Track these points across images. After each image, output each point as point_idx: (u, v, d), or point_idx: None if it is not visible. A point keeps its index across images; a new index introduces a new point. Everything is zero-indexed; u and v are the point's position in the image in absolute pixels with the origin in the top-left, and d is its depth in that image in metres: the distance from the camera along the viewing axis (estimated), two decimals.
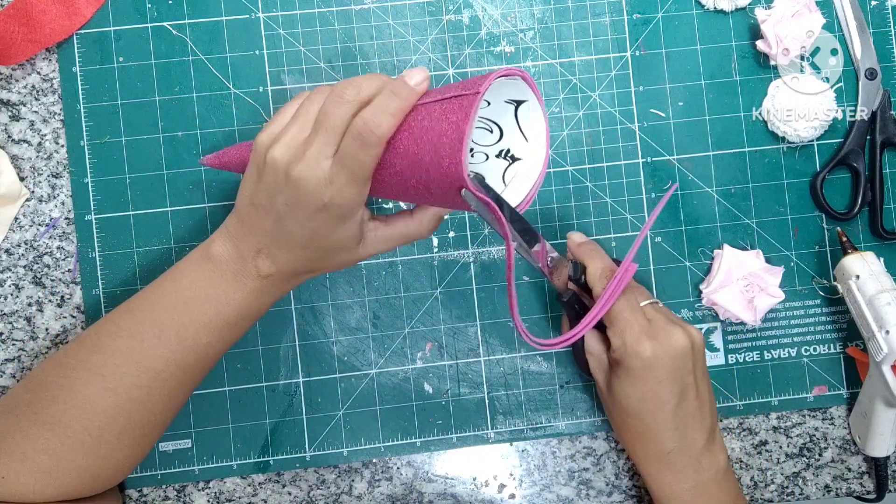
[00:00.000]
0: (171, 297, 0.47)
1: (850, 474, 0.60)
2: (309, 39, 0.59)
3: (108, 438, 0.46)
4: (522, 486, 0.59)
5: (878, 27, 0.60)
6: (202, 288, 0.47)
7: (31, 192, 0.58)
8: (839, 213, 0.59)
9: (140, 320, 0.47)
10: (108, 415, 0.46)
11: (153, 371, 0.46)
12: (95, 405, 0.46)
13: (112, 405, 0.46)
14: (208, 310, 0.47)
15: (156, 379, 0.47)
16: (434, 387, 0.59)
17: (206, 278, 0.47)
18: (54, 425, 0.45)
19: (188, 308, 0.47)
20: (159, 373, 0.47)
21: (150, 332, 0.46)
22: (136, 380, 0.46)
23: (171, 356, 0.47)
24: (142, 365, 0.46)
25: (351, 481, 0.59)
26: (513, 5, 0.59)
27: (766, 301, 0.57)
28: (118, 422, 0.46)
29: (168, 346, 0.46)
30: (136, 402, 0.46)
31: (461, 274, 0.59)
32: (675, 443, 0.49)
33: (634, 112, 0.59)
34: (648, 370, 0.48)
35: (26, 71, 0.58)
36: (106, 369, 0.46)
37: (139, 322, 0.47)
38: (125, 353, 0.46)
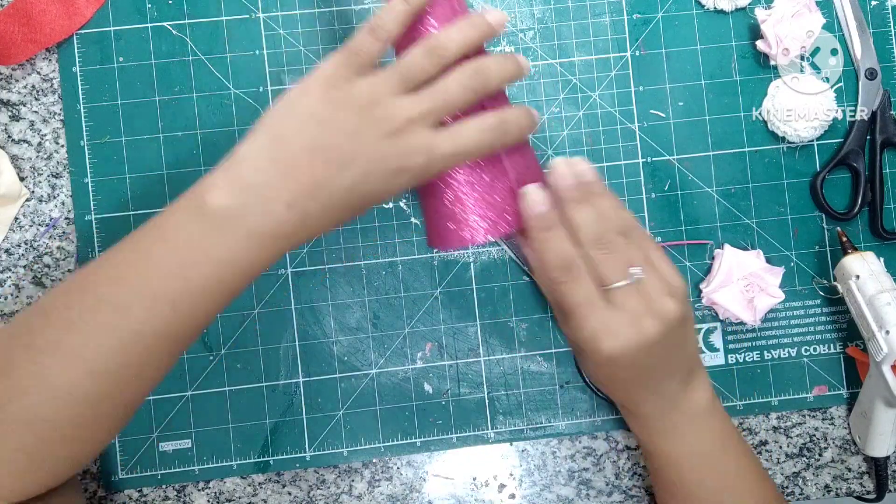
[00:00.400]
0: (162, 261, 0.39)
1: (850, 474, 0.60)
2: (309, 39, 0.59)
3: (91, 424, 0.40)
4: (522, 486, 0.60)
5: (878, 27, 0.60)
6: (201, 250, 0.39)
7: (31, 192, 0.58)
8: (839, 213, 0.59)
9: (124, 290, 0.39)
10: (90, 402, 0.39)
11: (143, 347, 0.39)
12: (76, 394, 0.39)
13: (96, 391, 0.39)
14: (209, 274, 0.39)
15: (146, 356, 0.40)
16: (434, 387, 0.59)
17: (206, 237, 0.39)
18: (30, 422, 0.39)
19: (184, 273, 0.39)
20: (150, 349, 0.39)
21: (139, 305, 0.39)
22: (125, 359, 0.39)
23: (165, 330, 0.39)
24: (130, 343, 0.39)
25: (351, 481, 0.59)
26: (513, 5, 0.59)
27: (766, 301, 0.57)
28: (103, 406, 0.40)
29: (161, 318, 0.39)
30: (123, 384, 0.40)
31: (461, 274, 0.59)
32: (648, 406, 0.47)
33: (634, 112, 0.59)
34: (607, 363, 0.43)
35: (26, 71, 0.58)
36: (87, 351, 0.38)
37: (124, 292, 0.39)
38: (110, 331, 0.39)
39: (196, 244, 0.39)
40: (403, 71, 0.41)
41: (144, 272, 0.39)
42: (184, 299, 0.39)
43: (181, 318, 0.40)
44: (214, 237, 0.39)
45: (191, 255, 0.39)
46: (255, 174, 0.39)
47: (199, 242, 0.39)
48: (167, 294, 0.39)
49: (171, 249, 0.39)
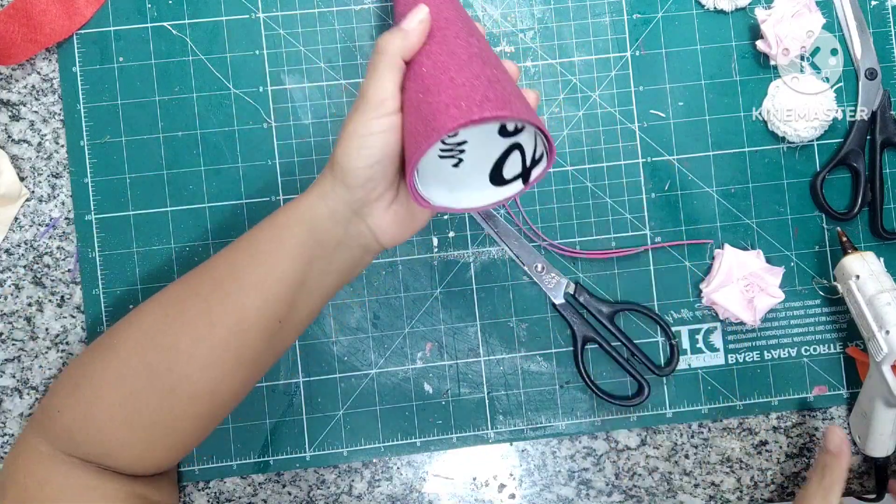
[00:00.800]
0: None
1: (850, 474, 0.60)
2: (309, 39, 0.59)
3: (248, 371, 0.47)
4: (522, 486, 0.60)
5: (878, 27, 0.60)
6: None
7: (31, 192, 0.58)
8: (839, 213, 0.59)
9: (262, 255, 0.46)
10: (258, 338, 0.46)
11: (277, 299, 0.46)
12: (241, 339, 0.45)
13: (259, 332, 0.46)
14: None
15: (282, 304, 0.46)
16: (434, 387, 0.59)
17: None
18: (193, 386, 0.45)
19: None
20: (283, 299, 0.46)
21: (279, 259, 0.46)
22: (275, 305, 0.46)
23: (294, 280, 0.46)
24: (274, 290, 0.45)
25: (351, 481, 0.59)
26: (513, 5, 0.59)
27: (765, 301, 0.57)
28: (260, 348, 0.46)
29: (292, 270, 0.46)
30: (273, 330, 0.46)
31: (461, 274, 0.59)
32: None
33: (634, 112, 0.59)
34: None
35: (26, 71, 0.58)
36: (251, 293, 0.45)
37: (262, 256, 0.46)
38: (258, 284, 0.46)
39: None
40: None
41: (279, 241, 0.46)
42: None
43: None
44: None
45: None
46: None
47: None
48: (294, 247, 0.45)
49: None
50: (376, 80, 0.43)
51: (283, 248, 0.45)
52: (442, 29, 0.45)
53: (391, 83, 0.43)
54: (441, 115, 0.40)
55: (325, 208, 0.45)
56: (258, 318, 0.45)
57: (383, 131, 0.43)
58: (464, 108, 0.40)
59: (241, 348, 0.45)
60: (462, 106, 0.40)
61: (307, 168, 0.59)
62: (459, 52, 0.44)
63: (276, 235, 0.45)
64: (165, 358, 0.44)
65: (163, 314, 0.45)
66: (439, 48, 0.44)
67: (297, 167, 0.59)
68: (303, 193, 0.46)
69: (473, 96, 0.40)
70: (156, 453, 0.47)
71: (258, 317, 0.45)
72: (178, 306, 0.45)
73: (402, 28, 0.43)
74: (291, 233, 0.45)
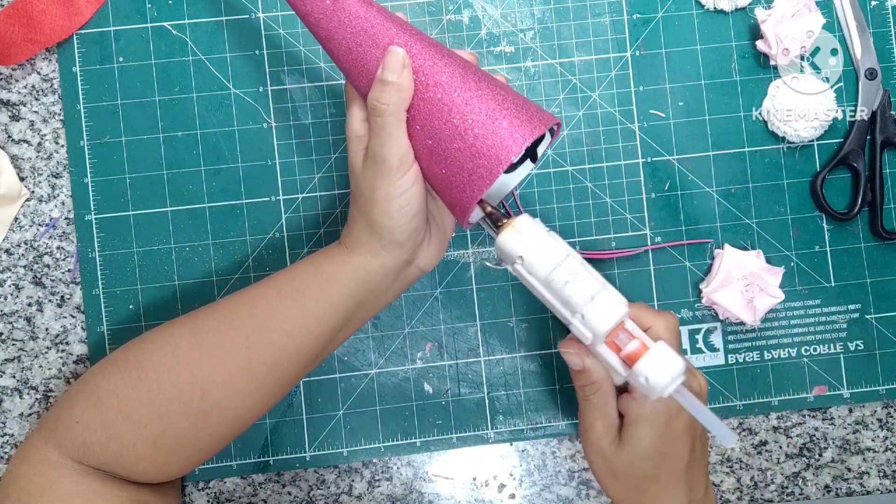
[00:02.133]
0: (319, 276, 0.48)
1: (850, 474, 0.60)
2: (309, 39, 0.59)
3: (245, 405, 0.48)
4: (522, 486, 0.59)
5: (878, 27, 0.60)
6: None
7: (31, 192, 0.58)
8: (839, 213, 0.59)
9: (304, 291, 0.47)
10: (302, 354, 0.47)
11: (310, 330, 0.47)
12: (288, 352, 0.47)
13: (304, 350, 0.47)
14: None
15: (314, 335, 0.47)
16: (434, 387, 0.59)
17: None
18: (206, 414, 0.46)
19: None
20: (314, 330, 0.47)
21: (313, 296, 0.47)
22: (306, 332, 0.47)
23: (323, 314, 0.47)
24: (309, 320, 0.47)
25: (351, 481, 0.59)
26: (513, 5, 0.59)
27: (765, 301, 0.57)
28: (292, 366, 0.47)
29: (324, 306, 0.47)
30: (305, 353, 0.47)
31: (461, 274, 0.59)
32: (684, 499, 0.47)
33: (634, 112, 0.59)
34: (669, 423, 0.45)
35: (26, 71, 0.58)
36: (290, 323, 0.47)
37: (303, 291, 0.47)
38: (300, 313, 0.47)
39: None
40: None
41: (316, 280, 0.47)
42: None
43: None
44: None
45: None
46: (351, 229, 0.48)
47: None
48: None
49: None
50: (390, 142, 0.43)
51: (331, 300, 0.46)
52: (420, 60, 0.43)
53: (403, 139, 0.43)
54: (494, 147, 0.42)
55: (378, 266, 0.46)
56: (297, 356, 0.47)
57: (413, 184, 0.44)
58: (517, 133, 0.42)
59: (275, 381, 0.47)
60: (515, 130, 0.42)
61: (307, 168, 0.59)
62: (454, 80, 0.43)
63: (324, 287, 0.46)
64: (200, 387, 0.45)
65: (197, 343, 0.46)
66: (431, 80, 0.43)
67: (297, 167, 0.59)
68: (343, 246, 0.47)
69: (515, 119, 0.42)
70: (173, 467, 0.47)
71: (297, 355, 0.47)
72: (215, 338, 0.46)
73: (389, 80, 0.42)
74: (342, 286, 0.46)
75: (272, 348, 0.46)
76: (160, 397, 0.45)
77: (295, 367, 0.47)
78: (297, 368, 0.47)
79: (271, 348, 0.46)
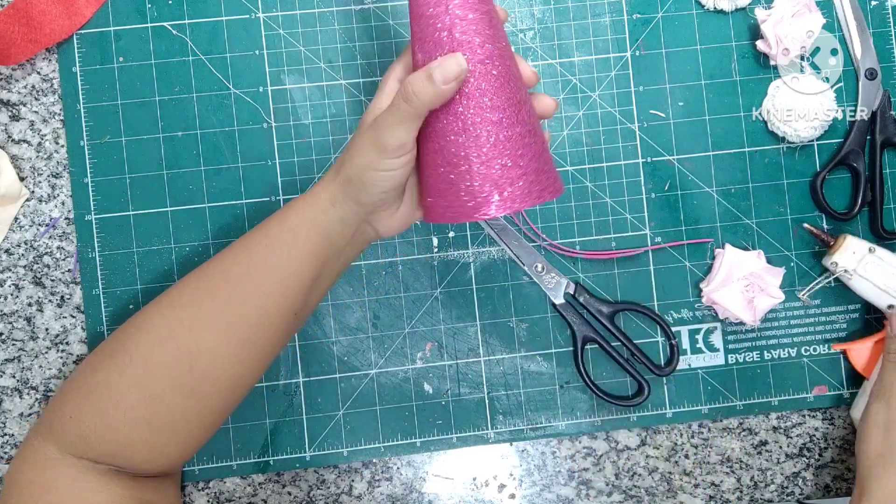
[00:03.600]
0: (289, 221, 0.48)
1: (850, 474, 0.60)
2: (309, 39, 0.59)
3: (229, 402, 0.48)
4: (522, 486, 0.59)
5: (878, 27, 0.60)
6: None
7: (31, 192, 0.58)
8: (839, 213, 0.59)
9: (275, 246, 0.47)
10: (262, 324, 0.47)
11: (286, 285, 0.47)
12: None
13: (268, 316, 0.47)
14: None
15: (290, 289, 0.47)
16: (434, 387, 0.59)
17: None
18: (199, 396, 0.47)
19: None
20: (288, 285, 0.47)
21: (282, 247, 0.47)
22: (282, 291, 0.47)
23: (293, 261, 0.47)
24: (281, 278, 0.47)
25: (351, 481, 0.59)
26: (513, 5, 0.59)
27: (765, 301, 0.57)
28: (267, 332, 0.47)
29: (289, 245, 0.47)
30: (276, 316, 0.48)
31: (461, 274, 0.59)
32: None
33: (634, 112, 0.59)
34: None
35: (26, 71, 0.58)
36: (263, 283, 0.47)
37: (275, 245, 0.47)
38: (274, 270, 0.47)
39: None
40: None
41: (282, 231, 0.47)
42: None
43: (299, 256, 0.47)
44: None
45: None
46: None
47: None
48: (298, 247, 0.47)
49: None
50: (399, 128, 0.42)
51: (298, 250, 0.46)
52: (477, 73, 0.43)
53: (411, 132, 0.43)
54: (481, 195, 0.43)
55: (336, 215, 0.46)
56: (277, 315, 0.47)
57: (399, 168, 0.44)
58: (507, 198, 0.43)
59: (260, 342, 0.47)
60: (505, 194, 0.43)
61: (307, 168, 0.59)
62: (494, 116, 0.43)
63: (290, 238, 0.46)
64: (186, 361, 0.45)
65: (177, 318, 0.46)
66: (472, 96, 0.43)
67: (297, 167, 0.59)
68: (310, 193, 0.47)
69: (518, 183, 0.43)
70: (172, 449, 0.47)
71: (277, 314, 0.46)
72: (193, 310, 0.46)
73: (435, 80, 0.41)
74: (307, 236, 0.46)
75: (250, 309, 0.46)
76: (149, 378, 0.45)
77: (277, 327, 0.47)
78: (280, 328, 0.47)
79: (250, 310, 0.46)
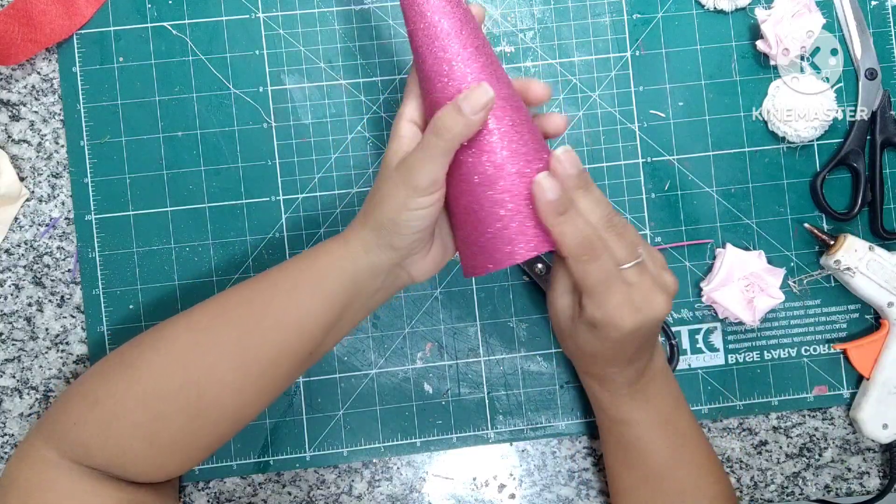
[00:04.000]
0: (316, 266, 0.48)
1: (850, 474, 0.60)
2: (309, 39, 0.59)
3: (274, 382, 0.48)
4: (522, 486, 0.59)
5: (878, 27, 0.60)
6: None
7: (31, 192, 0.58)
8: (839, 213, 0.59)
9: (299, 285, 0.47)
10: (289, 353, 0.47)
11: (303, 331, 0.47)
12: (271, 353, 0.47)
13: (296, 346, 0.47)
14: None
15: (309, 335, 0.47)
16: (434, 387, 0.59)
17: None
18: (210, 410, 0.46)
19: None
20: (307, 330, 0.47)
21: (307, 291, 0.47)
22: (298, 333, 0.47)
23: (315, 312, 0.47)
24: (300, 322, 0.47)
25: (351, 481, 0.59)
26: (513, 5, 0.59)
27: (765, 302, 0.57)
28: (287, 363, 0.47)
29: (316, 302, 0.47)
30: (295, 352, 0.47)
31: (461, 274, 0.59)
32: (630, 373, 0.48)
33: (634, 112, 0.59)
34: (624, 337, 0.45)
35: (26, 71, 0.58)
36: (289, 316, 0.47)
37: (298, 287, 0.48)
38: (296, 307, 0.47)
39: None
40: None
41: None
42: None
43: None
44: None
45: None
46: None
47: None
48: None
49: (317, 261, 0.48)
50: (430, 164, 0.42)
51: (322, 294, 0.46)
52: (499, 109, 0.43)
53: (444, 168, 0.43)
54: (514, 241, 0.43)
55: (368, 263, 0.46)
56: (292, 353, 0.46)
57: (431, 206, 0.44)
58: (534, 241, 0.44)
59: (271, 377, 0.47)
60: (525, 241, 0.44)
61: (307, 168, 0.59)
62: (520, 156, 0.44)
63: (317, 282, 0.46)
64: (196, 385, 0.45)
65: (193, 341, 0.46)
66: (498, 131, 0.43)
67: (297, 167, 0.59)
68: (342, 238, 0.47)
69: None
70: (171, 466, 0.47)
71: (292, 352, 0.46)
72: (211, 336, 0.46)
73: (464, 112, 0.41)
74: (333, 281, 0.46)
75: (267, 345, 0.46)
76: (156, 397, 0.45)
77: (290, 364, 0.47)
78: (293, 365, 0.47)
79: (267, 345, 0.46)
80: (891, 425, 0.57)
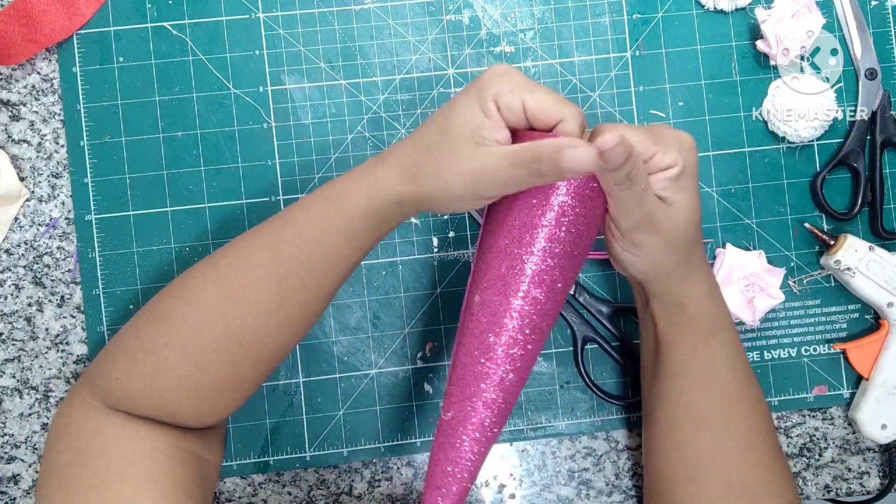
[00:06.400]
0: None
1: (850, 474, 0.60)
2: (309, 39, 0.59)
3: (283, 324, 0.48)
4: (522, 486, 0.59)
5: (878, 27, 0.60)
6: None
7: (31, 192, 0.58)
8: (839, 213, 0.59)
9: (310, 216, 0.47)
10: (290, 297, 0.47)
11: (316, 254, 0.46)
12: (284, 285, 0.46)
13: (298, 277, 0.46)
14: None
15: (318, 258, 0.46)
16: (434, 387, 0.59)
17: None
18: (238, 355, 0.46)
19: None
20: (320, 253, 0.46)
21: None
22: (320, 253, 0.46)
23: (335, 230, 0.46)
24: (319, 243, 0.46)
25: (351, 481, 0.59)
26: (513, 5, 0.59)
27: (765, 302, 0.57)
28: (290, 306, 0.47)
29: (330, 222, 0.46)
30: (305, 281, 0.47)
31: (461, 274, 0.59)
32: (696, 257, 0.47)
33: (634, 112, 0.59)
34: (688, 228, 0.44)
35: (26, 71, 0.58)
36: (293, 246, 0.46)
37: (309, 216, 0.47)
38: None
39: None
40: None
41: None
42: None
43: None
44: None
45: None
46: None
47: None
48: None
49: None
50: (506, 187, 0.41)
51: (355, 245, 0.45)
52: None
53: (517, 187, 0.41)
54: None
55: (399, 212, 0.45)
56: (325, 292, 0.47)
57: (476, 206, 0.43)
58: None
59: (309, 315, 0.47)
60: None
61: (307, 168, 0.59)
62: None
63: (350, 232, 0.45)
64: (236, 336, 0.45)
65: (225, 295, 0.45)
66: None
67: (297, 167, 0.59)
68: (376, 187, 0.44)
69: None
70: (217, 411, 0.48)
71: (325, 291, 0.47)
72: (244, 290, 0.45)
73: (564, 163, 0.37)
74: (365, 231, 0.45)
75: (302, 290, 0.46)
76: (197, 350, 0.45)
77: (324, 301, 0.47)
78: (325, 301, 0.48)
79: (301, 291, 0.46)
80: (890, 426, 0.57)
